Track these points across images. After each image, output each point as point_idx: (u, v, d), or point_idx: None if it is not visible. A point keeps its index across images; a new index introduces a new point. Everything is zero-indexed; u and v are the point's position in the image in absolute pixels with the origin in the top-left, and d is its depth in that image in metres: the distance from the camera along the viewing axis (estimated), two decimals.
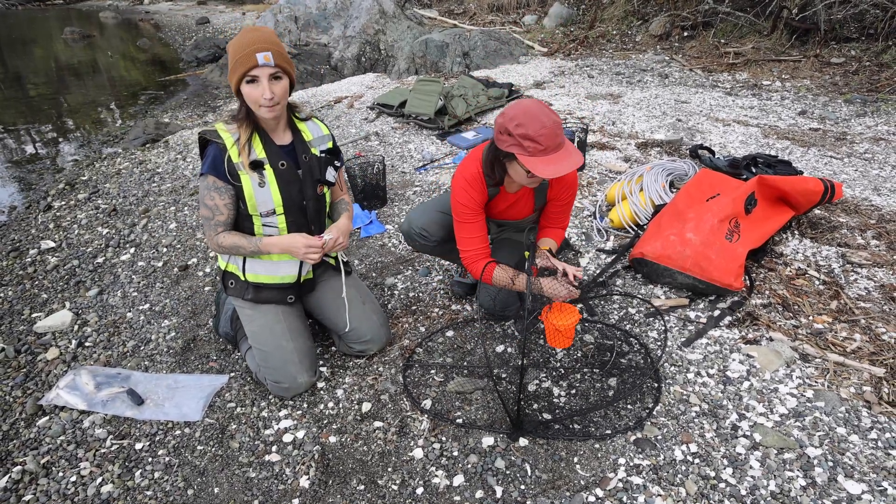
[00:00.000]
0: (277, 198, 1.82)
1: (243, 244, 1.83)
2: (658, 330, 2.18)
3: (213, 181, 1.77)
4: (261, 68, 1.68)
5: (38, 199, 4.12)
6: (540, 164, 1.70)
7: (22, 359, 2.28)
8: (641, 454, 1.66)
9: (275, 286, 1.95)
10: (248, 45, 1.66)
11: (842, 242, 2.68)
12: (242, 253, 1.86)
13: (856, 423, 1.72)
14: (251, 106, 1.73)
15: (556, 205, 2.12)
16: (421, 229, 2.21)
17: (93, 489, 1.68)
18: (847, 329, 2.12)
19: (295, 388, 1.92)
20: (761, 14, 6.77)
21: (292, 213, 1.87)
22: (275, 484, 1.66)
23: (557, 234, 2.17)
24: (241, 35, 1.70)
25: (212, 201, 1.79)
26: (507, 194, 2.08)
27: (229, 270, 1.98)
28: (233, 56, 1.68)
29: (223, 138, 1.76)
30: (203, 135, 1.78)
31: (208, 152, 1.78)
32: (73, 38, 14.23)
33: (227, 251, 1.86)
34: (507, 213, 2.16)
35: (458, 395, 1.93)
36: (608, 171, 3.70)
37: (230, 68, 1.70)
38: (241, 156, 1.76)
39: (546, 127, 1.68)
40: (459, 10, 11.10)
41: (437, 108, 4.71)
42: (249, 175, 1.77)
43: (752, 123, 4.55)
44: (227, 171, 1.76)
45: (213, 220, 1.81)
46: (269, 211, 1.83)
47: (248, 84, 1.69)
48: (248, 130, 1.77)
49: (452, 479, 1.62)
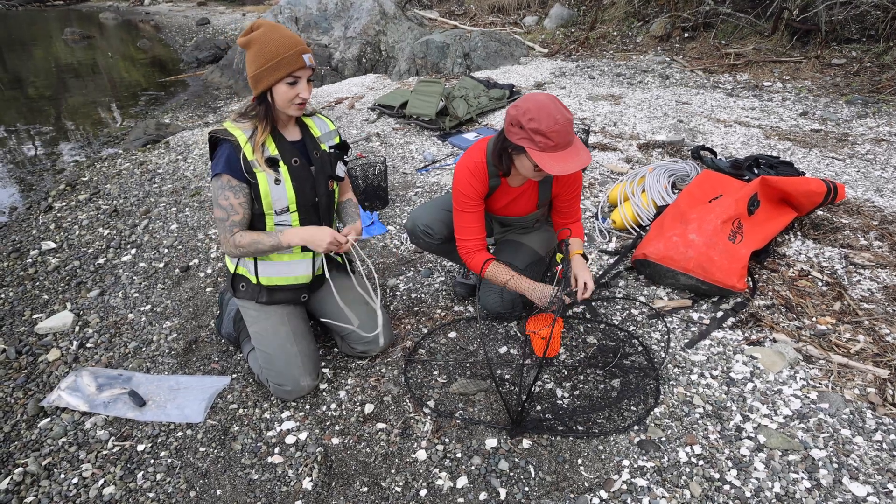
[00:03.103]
0: (292, 195, 1.80)
1: (262, 239, 1.78)
2: (661, 332, 2.18)
3: (228, 180, 1.73)
4: (305, 69, 1.67)
5: (39, 199, 4.11)
6: (549, 161, 1.70)
7: (23, 360, 2.27)
8: (645, 456, 1.65)
9: (289, 287, 1.94)
10: (291, 45, 1.65)
11: (844, 244, 2.68)
12: (261, 249, 1.79)
13: (860, 424, 1.72)
14: (281, 104, 1.72)
15: (564, 200, 2.12)
16: (426, 227, 2.21)
17: (94, 491, 1.67)
18: (851, 330, 2.12)
19: (297, 391, 1.92)
20: (762, 15, 6.77)
21: (305, 210, 1.86)
22: (277, 486, 1.65)
23: (578, 230, 2.17)
24: (268, 33, 1.67)
25: (226, 201, 1.75)
26: (509, 188, 2.07)
27: (240, 273, 1.94)
28: (272, 56, 1.65)
29: (235, 136, 1.73)
30: (214, 134, 1.75)
31: (221, 151, 1.74)
32: (73, 39, 14.23)
33: (246, 250, 1.79)
34: (509, 209, 2.15)
35: (461, 396, 1.92)
36: (610, 173, 3.69)
37: (265, 68, 1.66)
38: (255, 153, 1.73)
39: (559, 123, 1.68)
40: (460, 12, 11.10)
41: (439, 109, 4.71)
42: (266, 172, 1.75)
43: (754, 124, 4.54)
44: (243, 168, 1.73)
45: (227, 220, 1.77)
46: (284, 208, 1.81)
47: (287, 84, 1.68)
48: (267, 127, 1.75)
49: (456, 481, 1.62)
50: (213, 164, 1.76)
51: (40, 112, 7.30)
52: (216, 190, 1.76)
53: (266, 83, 1.68)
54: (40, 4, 23.48)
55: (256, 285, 1.92)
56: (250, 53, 1.69)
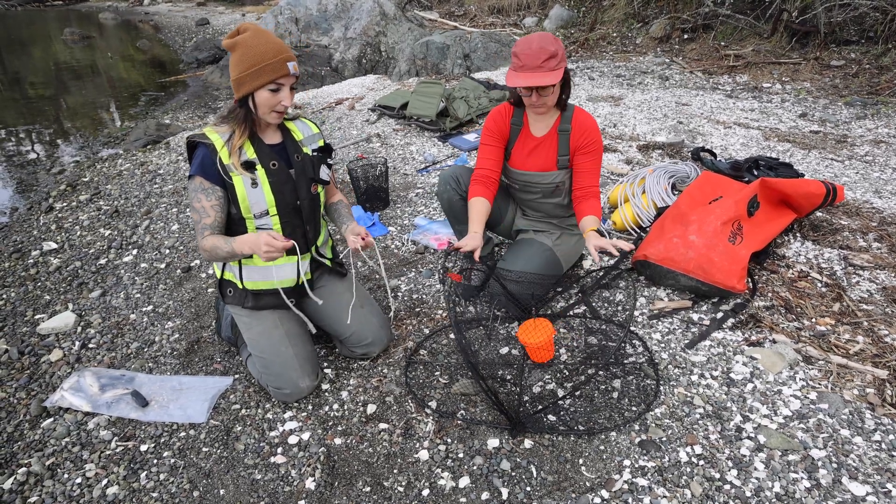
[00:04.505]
0: (270, 198, 1.80)
1: (220, 245, 1.75)
2: (661, 332, 2.19)
3: (201, 182, 1.74)
4: (289, 77, 1.67)
5: (40, 200, 4.12)
6: (512, 76, 1.97)
7: (26, 360, 2.28)
8: (646, 456, 1.66)
9: (274, 291, 1.93)
10: (277, 52, 1.65)
11: (843, 245, 2.69)
12: (219, 255, 1.77)
13: (859, 425, 1.73)
14: (262, 110, 1.72)
15: (583, 158, 2.17)
16: (457, 176, 2.37)
17: (98, 491, 1.68)
18: (850, 331, 2.13)
19: (297, 393, 1.92)
20: (761, 17, 6.79)
21: (286, 213, 1.85)
22: (281, 486, 1.66)
23: (594, 207, 2.14)
24: (254, 38, 1.66)
25: (199, 203, 1.76)
26: (530, 136, 2.22)
27: (227, 279, 1.95)
28: (256, 62, 1.65)
29: (212, 139, 1.75)
30: (191, 138, 1.77)
31: (197, 154, 1.76)
32: (72, 39, 14.24)
33: (208, 254, 1.78)
34: (529, 163, 2.26)
35: (462, 396, 1.93)
36: (610, 174, 3.71)
37: (248, 73, 1.66)
38: (231, 156, 1.74)
39: (530, 48, 1.92)
40: (460, 12, 11.12)
41: (439, 110, 4.72)
42: (242, 175, 1.75)
43: (753, 126, 4.56)
44: (220, 171, 1.74)
45: (200, 223, 1.77)
46: (263, 212, 1.81)
47: (269, 91, 1.68)
48: (245, 132, 1.76)
49: (458, 481, 1.63)
50: (191, 166, 1.78)
51: (40, 112, 7.30)
52: (190, 192, 1.77)
53: (248, 88, 1.68)
54: (40, 4, 23.48)
55: (242, 290, 1.92)
56: (234, 56, 1.69)
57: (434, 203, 3.44)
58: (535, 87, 1.98)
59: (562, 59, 1.96)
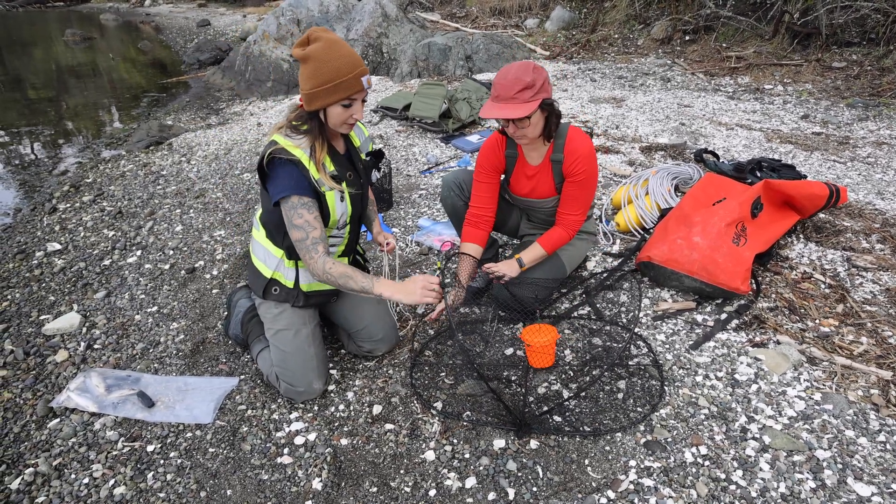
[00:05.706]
0: (350, 209, 1.80)
1: (355, 277, 1.70)
2: (665, 333, 2.19)
3: (298, 199, 1.67)
4: (362, 91, 1.64)
5: (43, 201, 4.13)
6: (487, 105, 1.94)
7: (31, 361, 2.29)
8: (652, 456, 1.67)
9: (326, 293, 1.96)
10: (352, 67, 1.60)
11: (847, 246, 2.70)
12: (350, 287, 1.71)
13: (864, 425, 1.73)
14: (332, 122, 1.69)
15: (569, 186, 2.16)
16: (461, 182, 2.38)
17: (105, 491, 1.69)
18: (854, 332, 2.13)
19: (309, 393, 1.93)
20: (763, 18, 6.81)
21: (356, 222, 1.86)
22: (287, 486, 1.66)
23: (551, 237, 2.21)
24: (327, 51, 1.59)
25: (301, 219, 1.68)
26: (527, 165, 2.20)
27: (275, 278, 1.91)
28: (330, 78, 1.59)
29: (297, 155, 1.68)
30: (274, 154, 1.67)
31: (281, 173, 1.67)
32: (73, 41, 14.25)
33: (334, 280, 1.71)
34: (529, 190, 2.25)
35: (468, 397, 1.94)
36: (613, 175, 3.71)
37: (323, 89, 1.60)
38: (319, 172, 1.70)
39: (505, 80, 1.87)
40: (461, 14, 11.14)
41: (442, 111, 4.73)
42: (334, 189, 1.73)
43: (755, 127, 4.57)
44: (312, 185, 1.68)
45: (307, 239, 1.69)
46: (345, 223, 1.81)
47: (342, 106, 1.64)
48: (323, 145, 1.72)
49: (465, 482, 1.63)
50: (275, 186, 1.68)
51: (42, 114, 7.31)
52: (287, 212, 1.69)
53: (321, 104, 1.64)
54: (41, 5, 23.51)
55: (293, 289, 1.90)
56: (307, 69, 1.61)
57: (437, 204, 3.45)
58: (510, 119, 1.91)
59: (539, 90, 1.88)
